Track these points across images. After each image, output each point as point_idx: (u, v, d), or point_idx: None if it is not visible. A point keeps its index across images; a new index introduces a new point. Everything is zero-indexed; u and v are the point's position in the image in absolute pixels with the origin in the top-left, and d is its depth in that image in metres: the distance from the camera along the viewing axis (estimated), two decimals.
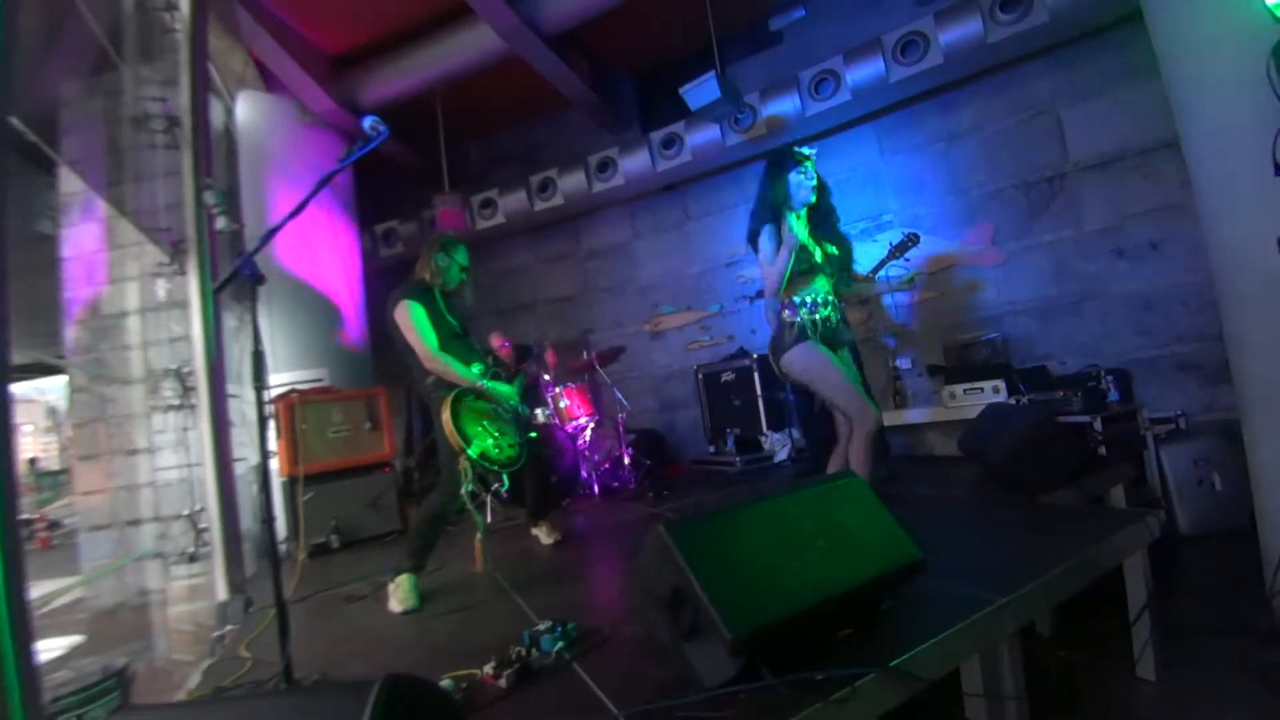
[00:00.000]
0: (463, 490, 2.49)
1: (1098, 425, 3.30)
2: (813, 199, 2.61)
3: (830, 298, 2.60)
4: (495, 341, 4.87)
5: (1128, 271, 4.05)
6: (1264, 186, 2.20)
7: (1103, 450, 3.25)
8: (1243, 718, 1.85)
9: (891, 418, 4.16)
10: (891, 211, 4.87)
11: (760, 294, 4.71)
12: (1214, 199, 2.58)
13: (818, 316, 2.53)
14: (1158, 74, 2.79)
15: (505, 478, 2.66)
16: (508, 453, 2.68)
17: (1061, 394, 3.53)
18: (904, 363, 4.73)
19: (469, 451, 2.49)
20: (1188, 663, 2.13)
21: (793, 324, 2.53)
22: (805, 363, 2.51)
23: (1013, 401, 3.72)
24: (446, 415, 2.50)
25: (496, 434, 2.66)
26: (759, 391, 4.84)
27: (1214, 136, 2.52)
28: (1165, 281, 3.92)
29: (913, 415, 4.36)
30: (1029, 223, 4.37)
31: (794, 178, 2.59)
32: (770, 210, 2.60)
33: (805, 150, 2.65)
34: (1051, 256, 4.30)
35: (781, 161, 2.63)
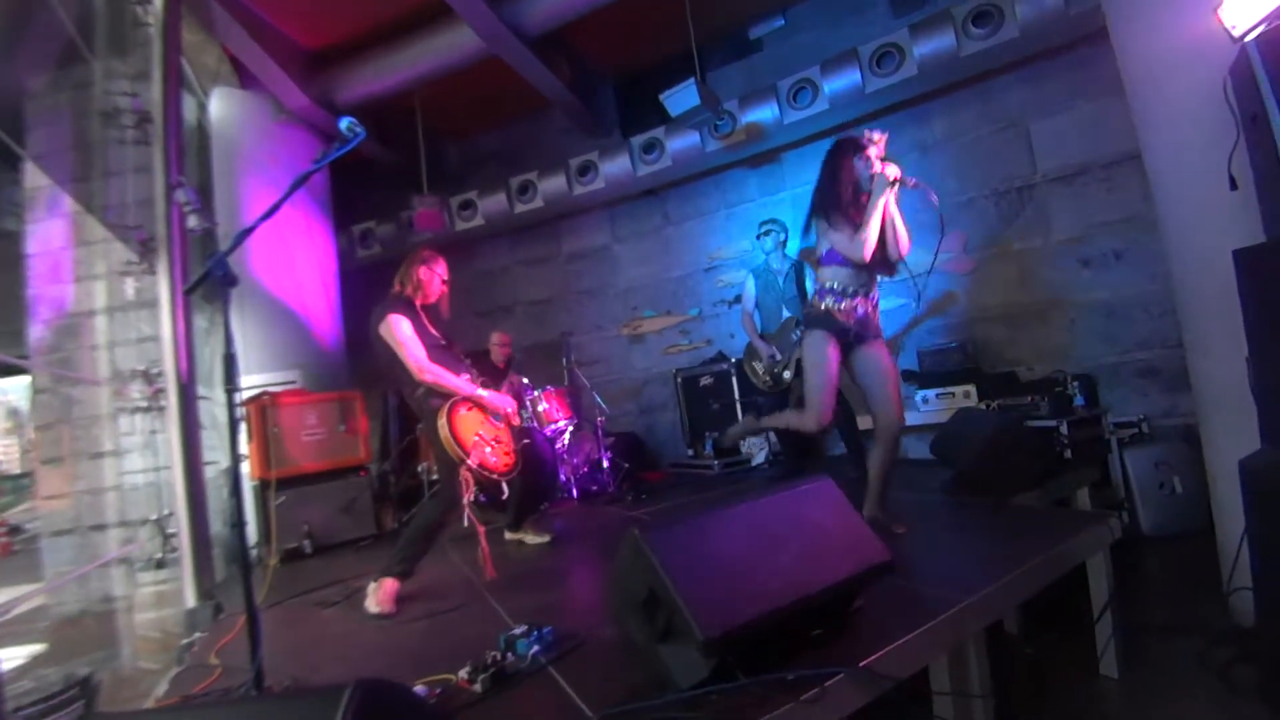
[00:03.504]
0: (464, 501, 2.48)
1: (1064, 429, 3.39)
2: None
3: (861, 291, 2.52)
4: (497, 339, 4.85)
5: (1093, 280, 4.16)
6: (1220, 200, 2.28)
7: (1068, 454, 3.34)
8: (1201, 713, 1.91)
9: (865, 422, 4.20)
10: None
11: (738, 299, 4.75)
12: (1174, 211, 2.67)
13: (841, 306, 2.49)
14: (1122, 90, 2.88)
15: (505, 486, 2.67)
16: (504, 460, 2.68)
17: (1029, 399, 3.62)
18: None
19: (469, 462, 2.48)
20: (1149, 660, 2.20)
21: (824, 307, 2.52)
22: (808, 348, 2.54)
23: (983, 406, 3.80)
24: (444, 427, 2.48)
25: (493, 442, 2.65)
26: (737, 395, 4.88)
27: (1174, 151, 2.60)
28: (1128, 290, 4.04)
29: None
30: (999, 231, 4.47)
31: (860, 163, 2.54)
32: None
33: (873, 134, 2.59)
34: (1020, 265, 4.41)
35: (843, 146, 2.59)
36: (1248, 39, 2.02)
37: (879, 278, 2.58)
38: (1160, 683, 2.09)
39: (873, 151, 2.54)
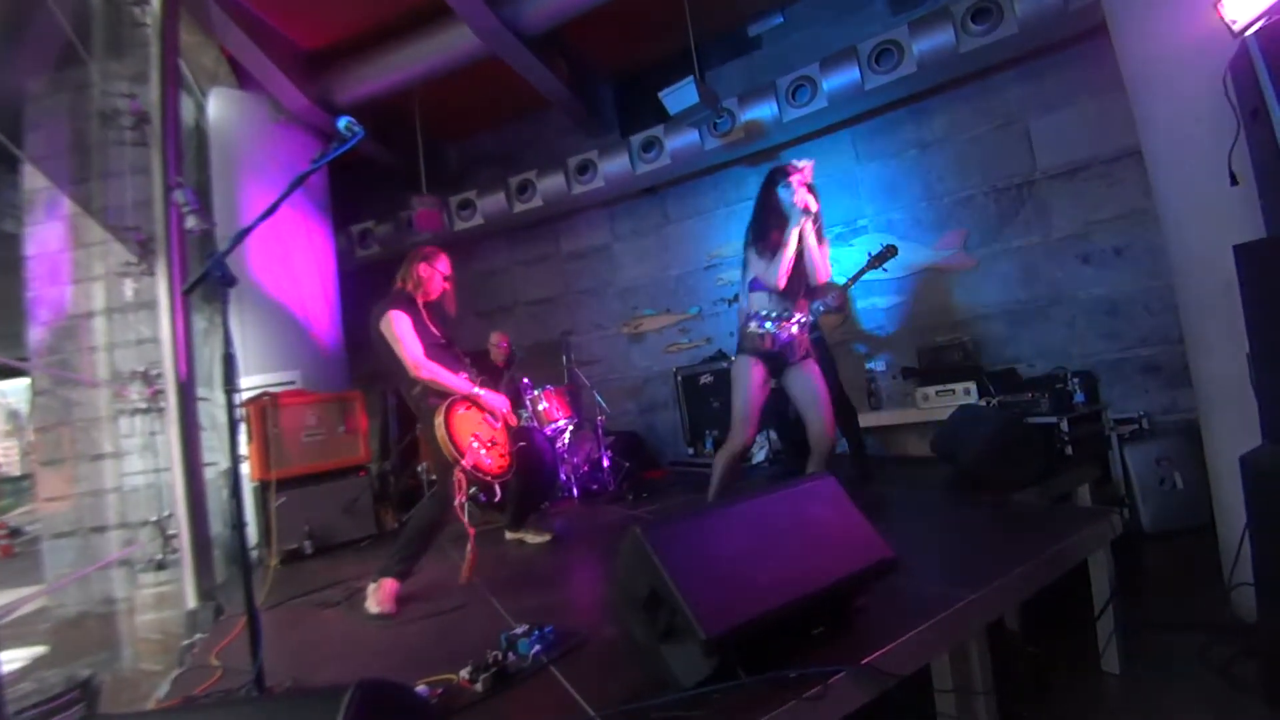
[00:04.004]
0: (457, 503, 2.47)
1: (1064, 426, 3.38)
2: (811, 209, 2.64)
3: (786, 315, 2.63)
4: (496, 338, 4.84)
5: (1093, 277, 4.16)
6: (1221, 196, 2.27)
7: (1069, 450, 3.34)
8: (1202, 709, 1.91)
9: (866, 419, 4.22)
10: (867, 216, 4.94)
11: (737, 297, 4.74)
12: (1174, 207, 2.67)
13: (767, 330, 2.61)
14: (1121, 86, 2.87)
15: (498, 488, 2.67)
16: (499, 463, 2.67)
17: (1030, 396, 3.61)
18: (878, 365, 4.80)
19: (463, 463, 2.47)
20: (1150, 656, 2.20)
21: (748, 332, 2.66)
22: (734, 371, 2.72)
23: (983, 403, 3.80)
24: (441, 427, 2.48)
25: (489, 444, 2.64)
26: None
27: (1174, 147, 2.60)
28: (1129, 287, 4.04)
29: (886, 417, 4.43)
30: (999, 229, 4.47)
31: (783, 191, 2.65)
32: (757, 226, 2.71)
33: (797, 162, 2.71)
34: (1020, 262, 4.40)
35: (773, 176, 2.71)
36: (1248, 33, 2.02)
37: (805, 303, 2.73)
38: (1162, 679, 2.08)
39: (796, 179, 2.64)
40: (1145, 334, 4.00)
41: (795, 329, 2.62)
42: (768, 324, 2.57)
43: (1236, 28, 2.10)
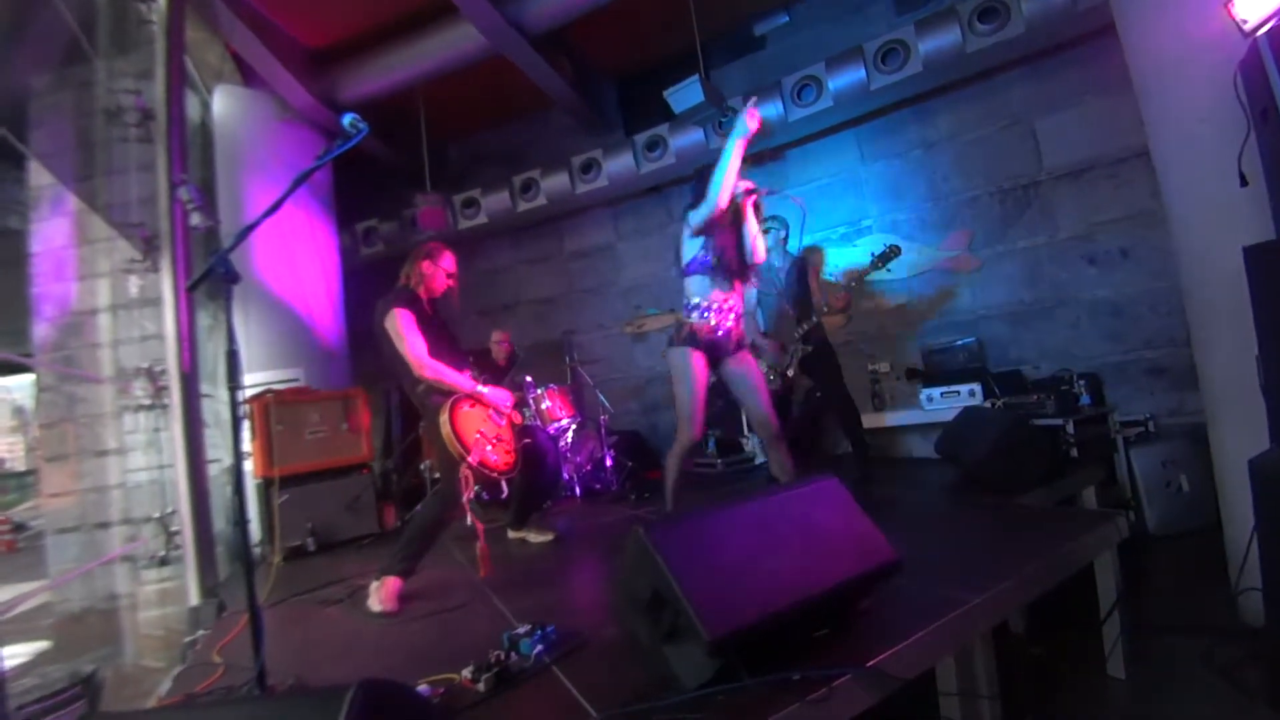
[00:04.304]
0: (464, 499, 2.47)
1: (1070, 428, 3.37)
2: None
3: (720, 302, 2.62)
4: (497, 337, 4.84)
5: (1099, 278, 4.14)
6: (1230, 197, 2.25)
7: (1074, 452, 3.33)
8: (1208, 713, 1.89)
9: (870, 420, 4.21)
10: (871, 217, 4.92)
11: None
12: (1182, 208, 2.65)
13: (705, 320, 2.60)
14: (1129, 86, 2.86)
15: (504, 484, 2.66)
16: (505, 459, 2.66)
17: (1035, 397, 3.60)
18: (882, 366, 4.78)
19: (469, 460, 2.47)
20: (1156, 660, 2.18)
21: (681, 325, 2.66)
22: (672, 364, 2.67)
23: (988, 405, 3.78)
24: (446, 424, 2.47)
25: (494, 440, 2.64)
26: None
27: (1183, 148, 2.58)
28: (1135, 288, 4.02)
29: (890, 418, 4.41)
30: (1004, 229, 4.45)
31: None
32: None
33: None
34: (1026, 263, 4.38)
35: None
36: (1259, 33, 2.00)
37: (742, 288, 2.72)
38: (1168, 683, 2.07)
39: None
40: (1151, 336, 3.97)
41: (731, 320, 2.62)
42: (708, 314, 2.59)
43: (1247, 27, 2.08)
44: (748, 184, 2.61)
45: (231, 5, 4.28)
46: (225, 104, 4.83)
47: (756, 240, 2.65)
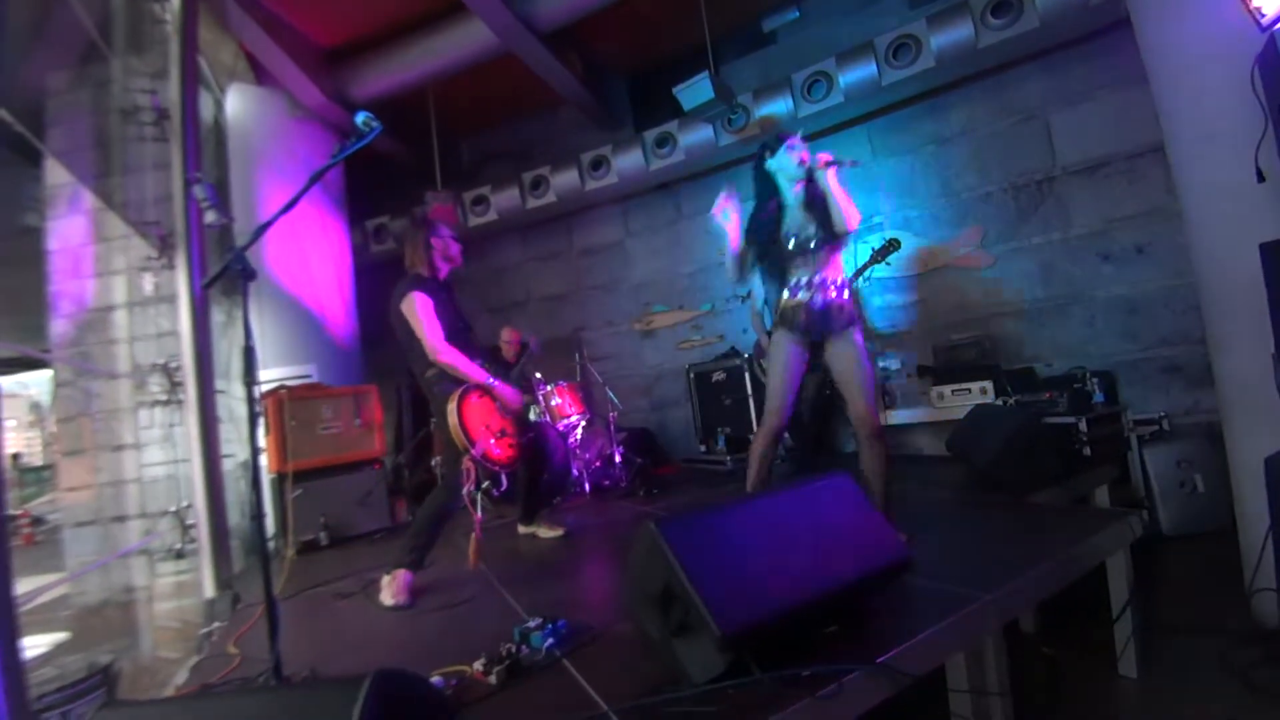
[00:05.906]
0: (465, 491, 2.48)
1: (1083, 426, 3.34)
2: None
3: (810, 281, 2.37)
4: (507, 335, 4.86)
5: (1113, 275, 4.10)
6: (1247, 193, 2.23)
7: (1087, 451, 3.29)
8: (1222, 715, 1.88)
9: (881, 418, 4.18)
10: (883, 213, 4.90)
11: (750, 294, 4.72)
12: (1198, 205, 2.62)
13: (804, 301, 2.35)
14: (1145, 80, 2.82)
15: (504, 477, 2.66)
16: (507, 453, 2.68)
17: (1048, 395, 3.57)
18: (893, 363, 4.76)
19: (473, 451, 2.48)
20: (1168, 660, 2.17)
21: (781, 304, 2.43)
22: (769, 348, 2.47)
23: (1000, 403, 3.76)
24: (453, 413, 2.49)
25: (499, 433, 2.65)
26: (750, 391, 4.85)
27: (1199, 143, 2.55)
28: (1150, 285, 3.97)
29: (901, 416, 4.40)
30: (1017, 226, 4.41)
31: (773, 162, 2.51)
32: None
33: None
34: (1039, 259, 4.34)
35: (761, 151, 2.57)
36: (1277, 27, 1.98)
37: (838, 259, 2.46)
38: (1180, 684, 2.06)
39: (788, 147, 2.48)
40: (1166, 333, 3.93)
41: (834, 293, 2.33)
42: (801, 292, 2.33)
43: (1265, 20, 2.05)
44: (825, 155, 2.34)
45: (244, 5, 4.31)
46: (239, 102, 4.87)
47: (848, 208, 2.31)
